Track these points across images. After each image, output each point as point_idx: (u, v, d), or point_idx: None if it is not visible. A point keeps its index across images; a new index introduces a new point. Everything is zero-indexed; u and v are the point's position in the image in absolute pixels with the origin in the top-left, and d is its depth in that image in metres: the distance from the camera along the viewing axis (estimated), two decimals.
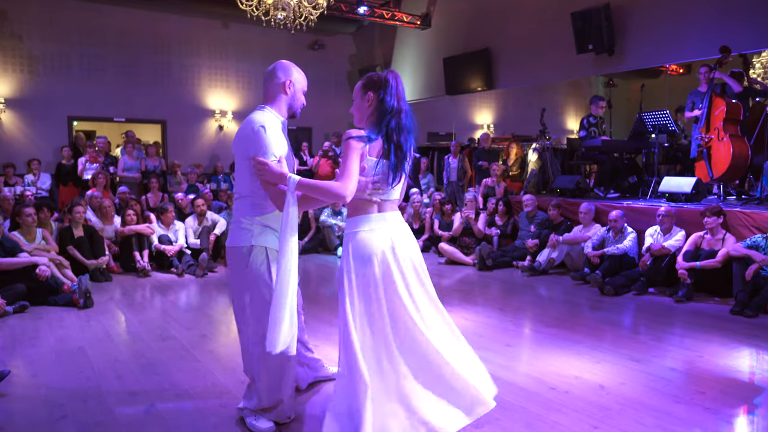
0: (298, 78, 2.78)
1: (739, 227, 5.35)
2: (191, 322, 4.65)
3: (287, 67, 2.75)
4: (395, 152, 2.45)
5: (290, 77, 2.74)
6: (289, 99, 2.78)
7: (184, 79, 11.61)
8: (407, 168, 2.54)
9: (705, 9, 7.62)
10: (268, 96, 2.76)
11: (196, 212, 7.23)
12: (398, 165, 2.46)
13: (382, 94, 2.51)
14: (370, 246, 2.43)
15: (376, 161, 2.44)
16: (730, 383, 3.30)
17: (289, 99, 2.77)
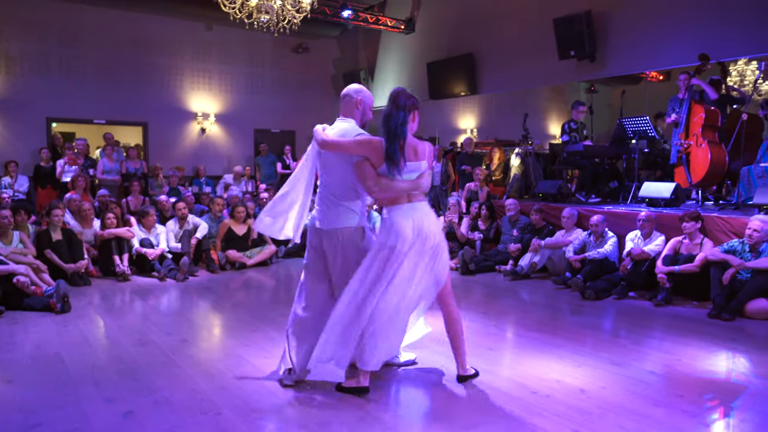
0: (366, 97, 3.42)
1: (717, 232, 5.43)
2: (171, 326, 4.59)
3: (359, 89, 3.44)
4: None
5: (361, 96, 3.38)
6: (360, 113, 3.40)
7: (166, 81, 11.51)
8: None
9: (685, 17, 7.75)
10: (346, 111, 3.39)
11: (177, 216, 7.15)
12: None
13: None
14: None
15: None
16: (708, 386, 3.34)
17: (360, 113, 3.39)
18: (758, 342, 4.17)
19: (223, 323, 4.93)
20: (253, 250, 7.33)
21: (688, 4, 7.72)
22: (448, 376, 3.45)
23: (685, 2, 7.76)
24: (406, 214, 3.11)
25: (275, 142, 12.45)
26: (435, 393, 3.23)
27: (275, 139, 12.72)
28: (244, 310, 5.17)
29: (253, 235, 7.49)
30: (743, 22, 7.18)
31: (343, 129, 3.29)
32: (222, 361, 3.76)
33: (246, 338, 4.24)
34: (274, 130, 12.95)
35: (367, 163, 3.12)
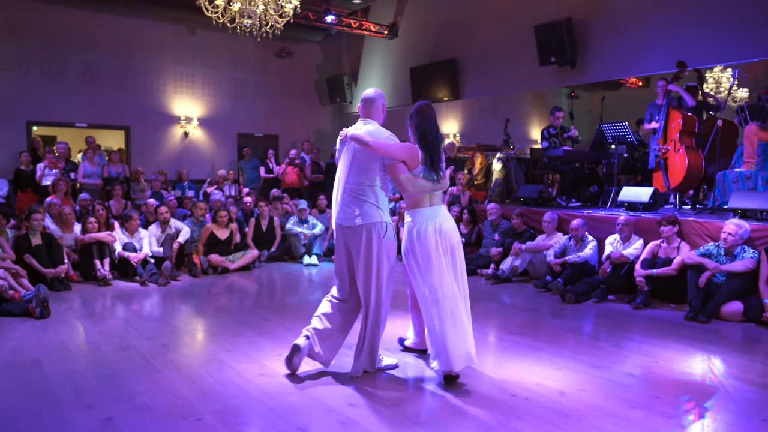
0: (385, 102, 3.73)
1: (693, 236, 5.53)
2: (153, 331, 4.56)
3: (382, 93, 3.73)
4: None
5: (384, 101, 3.70)
6: (384, 116, 3.69)
7: (149, 85, 11.44)
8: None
9: (663, 25, 7.90)
10: (369, 113, 3.63)
11: (160, 220, 7.12)
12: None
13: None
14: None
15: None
16: (684, 388, 3.40)
17: (384, 116, 3.69)
18: (733, 344, 4.26)
19: (205, 328, 4.91)
20: (235, 255, 7.30)
21: (666, 12, 7.87)
22: (428, 379, 3.48)
23: (662, 11, 7.91)
24: (428, 217, 3.47)
25: (259, 146, 12.43)
26: (415, 397, 3.25)
27: (259, 143, 12.69)
28: (227, 314, 5.16)
29: (236, 240, 7.47)
30: (719, 31, 7.34)
31: (370, 130, 3.51)
32: (203, 365, 3.75)
33: (228, 343, 4.23)
34: (258, 134, 12.92)
35: (402, 164, 3.43)
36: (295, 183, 10.35)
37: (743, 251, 4.94)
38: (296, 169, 10.38)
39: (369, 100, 3.64)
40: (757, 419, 2.95)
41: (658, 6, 7.97)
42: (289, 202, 9.03)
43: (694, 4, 7.58)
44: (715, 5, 7.39)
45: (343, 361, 3.80)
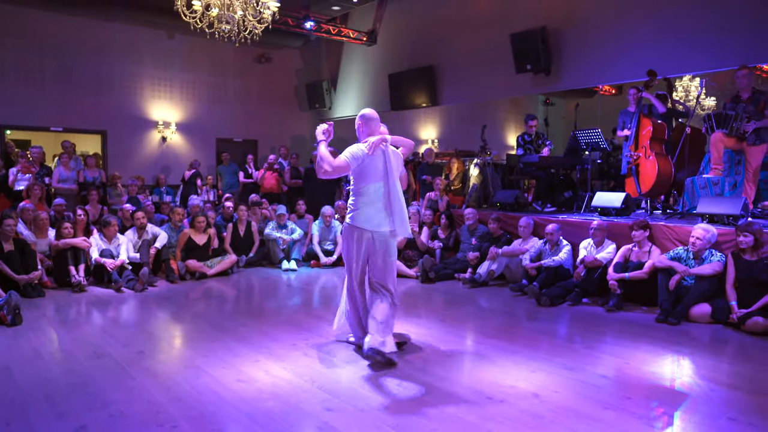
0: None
1: (664, 240, 5.66)
2: (128, 338, 4.52)
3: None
4: None
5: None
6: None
7: (126, 89, 11.33)
8: None
9: (634, 35, 8.10)
10: (374, 132, 4.08)
11: (137, 225, 7.05)
12: None
13: None
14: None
15: None
16: (655, 388, 3.49)
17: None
18: (702, 345, 4.37)
19: (181, 334, 4.88)
20: (213, 260, 7.26)
21: (637, 23, 8.07)
22: (404, 383, 3.51)
23: (634, 22, 8.11)
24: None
25: (237, 151, 12.39)
26: (393, 400, 3.27)
27: (237, 148, 12.65)
28: (204, 320, 5.13)
29: (214, 245, 7.43)
30: (688, 42, 7.55)
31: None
32: (179, 372, 3.73)
33: (205, 349, 4.21)
34: (237, 139, 12.87)
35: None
36: (274, 188, 10.33)
37: (711, 255, 5.07)
38: (275, 174, 10.36)
39: (375, 118, 4.13)
40: (723, 418, 3.04)
41: (629, 17, 8.16)
42: (268, 207, 9.01)
43: (665, 16, 7.78)
44: (684, 17, 7.60)
45: (320, 366, 3.82)
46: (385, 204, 3.94)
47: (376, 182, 3.93)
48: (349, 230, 4.00)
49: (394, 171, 3.97)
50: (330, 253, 8.01)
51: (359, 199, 3.96)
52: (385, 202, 3.94)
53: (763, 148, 5.94)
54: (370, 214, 3.92)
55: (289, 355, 4.06)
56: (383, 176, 3.93)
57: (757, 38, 7.00)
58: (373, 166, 3.92)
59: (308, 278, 7.27)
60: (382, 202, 3.94)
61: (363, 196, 3.94)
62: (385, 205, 3.94)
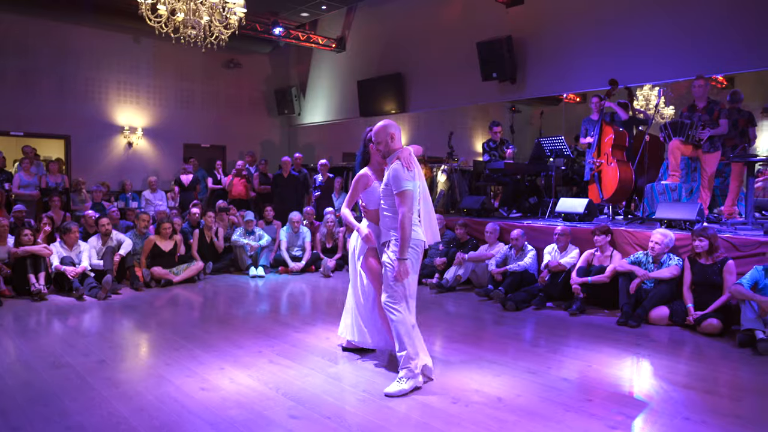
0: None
1: (624, 245, 5.81)
2: (89, 347, 4.43)
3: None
4: None
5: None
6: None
7: (90, 93, 11.11)
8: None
9: (597, 45, 8.32)
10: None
11: (101, 232, 6.91)
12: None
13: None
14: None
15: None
16: (614, 390, 3.57)
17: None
18: (660, 346, 4.49)
19: (145, 342, 4.80)
20: (179, 267, 7.17)
21: (599, 34, 8.29)
22: (369, 389, 3.52)
23: (596, 32, 8.33)
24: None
25: (205, 156, 12.25)
26: (356, 406, 3.28)
27: (205, 153, 12.51)
28: (169, 328, 5.06)
29: (180, 251, 7.33)
30: (647, 52, 7.80)
31: None
32: (142, 381, 3.68)
33: (168, 357, 4.15)
34: (204, 145, 12.73)
35: None
36: (242, 194, 10.24)
37: (669, 259, 5.23)
38: (243, 181, 10.28)
39: (399, 129, 3.88)
40: (679, 417, 3.13)
41: (592, 28, 8.38)
42: (236, 213, 8.93)
43: (626, 28, 8.01)
44: (644, 29, 7.84)
45: (286, 374, 3.80)
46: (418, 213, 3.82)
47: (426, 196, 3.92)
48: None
49: (423, 176, 3.88)
50: (298, 259, 7.98)
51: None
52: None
53: (717, 155, 6.14)
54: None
55: (254, 362, 4.03)
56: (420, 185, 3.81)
57: (713, 50, 7.27)
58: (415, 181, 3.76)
59: (276, 285, 7.22)
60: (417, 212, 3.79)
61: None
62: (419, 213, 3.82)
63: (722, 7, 7.22)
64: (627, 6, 8.02)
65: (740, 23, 7.07)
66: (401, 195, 3.54)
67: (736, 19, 7.10)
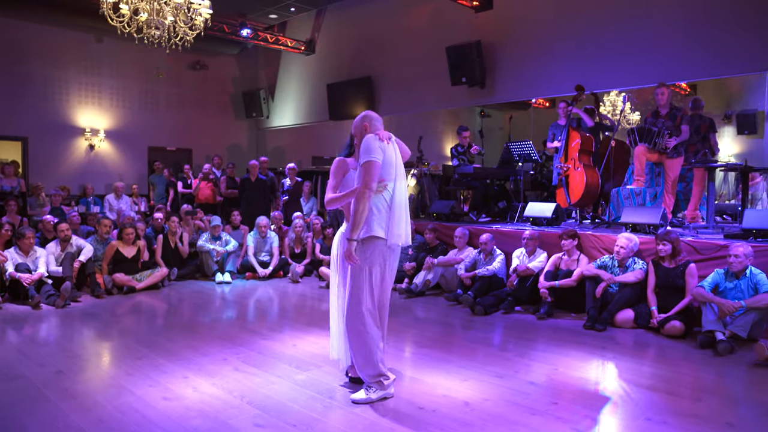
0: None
1: (591, 249, 5.88)
2: (46, 357, 4.27)
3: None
4: None
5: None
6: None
7: (50, 94, 10.80)
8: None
9: (563, 52, 8.46)
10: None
11: (60, 237, 6.68)
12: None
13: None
14: None
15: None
16: (581, 393, 3.59)
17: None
18: (626, 349, 4.54)
19: (105, 351, 4.66)
20: (143, 273, 6.99)
21: (566, 41, 8.43)
22: (336, 396, 3.48)
23: (563, 39, 8.47)
24: None
25: (170, 159, 12.02)
26: (323, 414, 3.23)
27: (171, 156, 12.27)
28: (131, 336, 4.92)
29: (144, 257, 7.15)
30: (612, 59, 7.97)
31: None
32: (101, 392, 3.56)
33: (130, 366, 4.03)
34: (170, 148, 12.49)
35: None
36: (209, 199, 10.07)
37: (634, 263, 5.31)
38: (210, 185, 10.10)
39: (379, 120, 3.63)
40: (642, 418, 3.17)
41: (559, 34, 8.52)
42: (203, 217, 8.76)
43: (591, 35, 8.17)
44: (610, 36, 8.00)
45: (251, 381, 3.73)
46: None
47: (390, 182, 3.33)
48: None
49: (402, 170, 3.44)
50: (266, 265, 7.86)
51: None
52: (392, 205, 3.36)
53: (680, 160, 6.28)
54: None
55: (219, 370, 3.94)
56: (395, 176, 3.36)
57: (676, 58, 7.46)
58: (387, 161, 3.32)
59: (243, 291, 7.10)
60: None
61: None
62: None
63: (685, 16, 7.41)
64: (594, 13, 8.18)
65: (702, 32, 7.27)
66: (364, 166, 3.18)
67: (698, 28, 7.31)
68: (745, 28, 6.94)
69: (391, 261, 3.46)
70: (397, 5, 10.73)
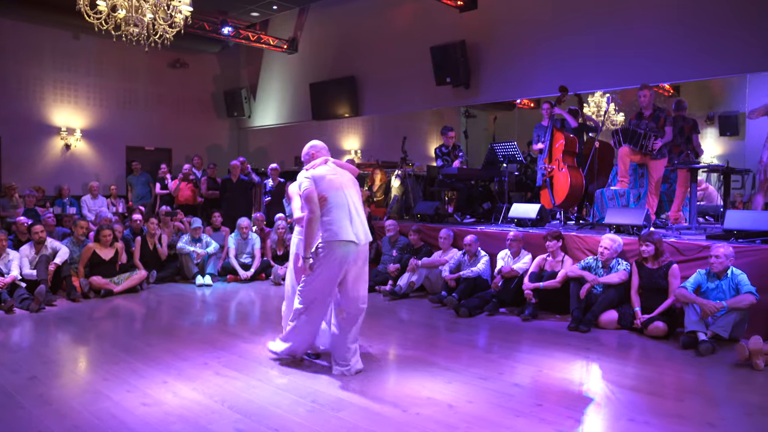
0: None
1: (575, 250, 5.88)
2: (19, 363, 4.14)
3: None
4: None
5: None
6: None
7: (23, 92, 10.55)
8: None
9: (547, 53, 8.48)
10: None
11: (34, 239, 6.51)
12: None
13: None
14: None
15: None
16: (564, 394, 3.57)
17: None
18: (610, 350, 4.55)
19: (81, 357, 4.54)
20: (120, 276, 6.84)
21: (550, 41, 8.45)
22: (319, 400, 3.42)
23: (547, 40, 8.49)
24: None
25: (149, 160, 11.83)
26: (306, 417, 3.17)
27: (149, 157, 12.08)
28: (108, 341, 4.80)
29: (122, 260, 7.00)
30: (596, 60, 8.01)
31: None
32: (77, 398, 3.46)
33: (107, 372, 3.93)
34: (149, 148, 12.30)
35: None
36: (189, 200, 9.91)
37: (618, 264, 5.31)
38: (190, 185, 9.95)
39: (325, 149, 4.20)
40: (624, 419, 3.17)
41: (543, 35, 8.54)
42: (183, 219, 8.61)
43: (575, 36, 8.20)
44: (594, 37, 8.04)
45: (232, 386, 3.65)
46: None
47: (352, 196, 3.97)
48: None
49: (351, 191, 3.99)
50: (247, 267, 7.75)
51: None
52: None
53: (663, 161, 6.31)
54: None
55: (199, 374, 3.86)
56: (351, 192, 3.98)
57: (659, 59, 7.51)
58: (345, 181, 3.99)
59: (224, 294, 6.99)
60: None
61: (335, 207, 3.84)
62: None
63: (669, 18, 7.47)
64: (578, 14, 8.21)
65: (685, 34, 7.34)
66: (304, 197, 3.81)
67: (681, 30, 7.37)
68: (728, 30, 7.02)
69: (341, 258, 3.80)
70: (381, 4, 10.68)
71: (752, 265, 4.74)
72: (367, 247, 3.96)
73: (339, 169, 4.02)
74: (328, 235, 3.74)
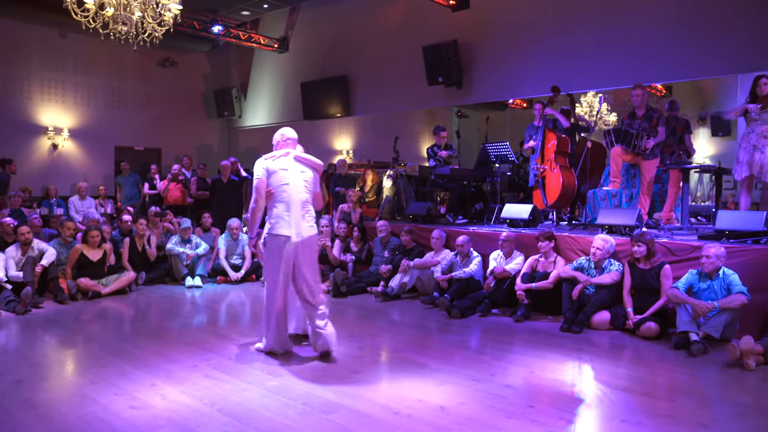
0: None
1: (568, 250, 5.87)
2: (4, 367, 4.07)
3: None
4: None
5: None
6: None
7: (10, 91, 10.41)
8: None
9: (539, 53, 8.48)
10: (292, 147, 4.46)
11: (20, 241, 6.41)
12: None
13: None
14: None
15: None
16: (556, 395, 3.56)
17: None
18: (601, 351, 4.54)
19: (69, 360, 4.47)
20: (109, 278, 6.75)
21: (542, 41, 8.45)
22: (310, 402, 3.38)
23: (539, 40, 8.49)
24: None
25: (138, 160, 11.72)
26: (295, 419, 3.13)
27: (138, 157, 11.98)
28: (96, 343, 4.73)
29: (110, 261, 6.92)
30: (589, 60, 8.01)
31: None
32: (64, 401, 3.41)
33: (95, 375, 3.87)
34: (138, 148, 12.19)
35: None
36: (178, 200, 9.83)
37: (610, 264, 5.30)
38: (180, 186, 9.87)
39: (293, 139, 4.44)
40: (616, 420, 3.15)
41: (535, 35, 8.54)
42: (172, 219, 8.53)
43: (568, 35, 8.20)
44: (586, 37, 8.05)
45: (222, 388, 3.60)
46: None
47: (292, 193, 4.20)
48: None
49: (297, 187, 4.21)
50: (238, 268, 7.69)
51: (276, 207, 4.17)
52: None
53: (656, 162, 6.32)
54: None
55: (188, 377, 3.82)
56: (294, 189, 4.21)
57: (652, 59, 7.53)
58: (291, 179, 4.21)
59: (214, 295, 6.93)
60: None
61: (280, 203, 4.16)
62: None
63: (661, 18, 7.49)
64: (570, 14, 8.21)
65: (678, 34, 7.36)
66: (254, 187, 4.16)
67: (674, 30, 7.39)
68: (720, 31, 7.04)
69: (281, 250, 4.09)
70: (373, 3, 10.65)
71: (743, 266, 4.74)
72: (312, 240, 4.24)
73: (295, 164, 4.24)
74: (270, 229, 4.12)
